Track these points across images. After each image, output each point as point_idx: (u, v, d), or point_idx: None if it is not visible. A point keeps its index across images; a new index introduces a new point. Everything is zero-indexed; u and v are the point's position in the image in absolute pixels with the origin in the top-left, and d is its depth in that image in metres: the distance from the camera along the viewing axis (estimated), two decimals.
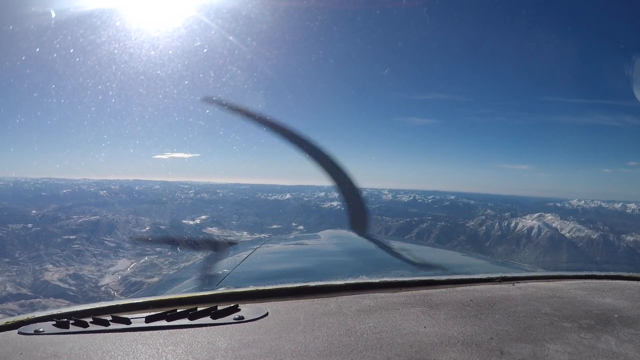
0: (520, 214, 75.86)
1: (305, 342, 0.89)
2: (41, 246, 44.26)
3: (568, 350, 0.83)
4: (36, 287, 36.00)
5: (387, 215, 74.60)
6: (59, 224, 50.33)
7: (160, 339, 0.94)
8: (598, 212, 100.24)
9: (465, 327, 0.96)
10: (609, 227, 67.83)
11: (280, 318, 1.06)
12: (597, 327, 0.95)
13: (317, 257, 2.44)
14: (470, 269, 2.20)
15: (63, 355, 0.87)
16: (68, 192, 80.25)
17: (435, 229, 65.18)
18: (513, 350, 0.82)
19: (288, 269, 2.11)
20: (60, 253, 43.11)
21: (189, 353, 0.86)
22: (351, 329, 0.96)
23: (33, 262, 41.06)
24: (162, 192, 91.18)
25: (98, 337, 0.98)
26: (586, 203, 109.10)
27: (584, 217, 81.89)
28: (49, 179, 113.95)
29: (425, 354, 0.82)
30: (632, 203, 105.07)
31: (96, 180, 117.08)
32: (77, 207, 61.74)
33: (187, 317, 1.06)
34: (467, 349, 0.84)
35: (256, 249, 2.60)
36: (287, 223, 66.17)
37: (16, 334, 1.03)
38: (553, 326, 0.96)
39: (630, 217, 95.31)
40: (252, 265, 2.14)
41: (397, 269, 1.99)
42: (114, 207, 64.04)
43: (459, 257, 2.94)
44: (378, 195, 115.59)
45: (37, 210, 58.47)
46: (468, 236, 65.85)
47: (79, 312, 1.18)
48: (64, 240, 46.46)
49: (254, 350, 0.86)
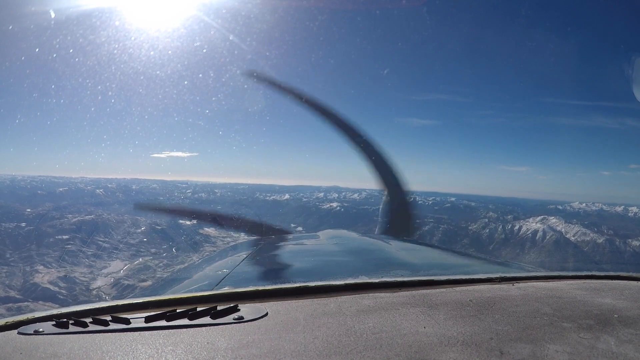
0: (523, 217, 74.97)
1: (305, 342, 0.89)
2: (33, 246, 43.11)
3: (568, 350, 0.83)
4: (25, 289, 35.02)
5: None
6: (53, 223, 49.23)
7: (160, 339, 0.95)
8: (600, 215, 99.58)
9: (465, 327, 0.97)
10: (613, 231, 67.02)
11: (280, 318, 1.06)
12: (596, 327, 0.95)
13: (316, 257, 2.44)
14: (470, 269, 2.19)
15: (63, 355, 0.87)
16: (64, 191, 79.17)
17: (437, 231, 64.12)
18: (513, 350, 0.83)
19: (288, 269, 2.10)
20: (52, 254, 42.00)
21: (189, 353, 0.87)
22: (351, 329, 0.96)
23: (24, 262, 39.97)
24: (160, 191, 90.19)
25: (98, 337, 0.98)
26: (587, 206, 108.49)
27: (587, 220, 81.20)
28: (46, 177, 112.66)
29: (424, 354, 0.82)
30: (633, 206, 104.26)
31: (93, 178, 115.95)
32: (73, 206, 60.64)
33: (186, 317, 1.06)
34: (467, 349, 0.84)
35: (256, 249, 2.59)
36: (286, 224, 65.07)
37: (16, 334, 1.03)
38: (553, 326, 0.96)
39: (632, 221, 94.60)
40: (252, 265, 2.14)
41: (397, 269, 1.99)
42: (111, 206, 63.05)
43: (459, 257, 2.93)
44: (378, 197, 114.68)
45: (32, 208, 57.32)
46: (471, 239, 64.98)
47: (78, 312, 1.19)
48: (57, 241, 45.38)
49: (254, 351, 0.86)
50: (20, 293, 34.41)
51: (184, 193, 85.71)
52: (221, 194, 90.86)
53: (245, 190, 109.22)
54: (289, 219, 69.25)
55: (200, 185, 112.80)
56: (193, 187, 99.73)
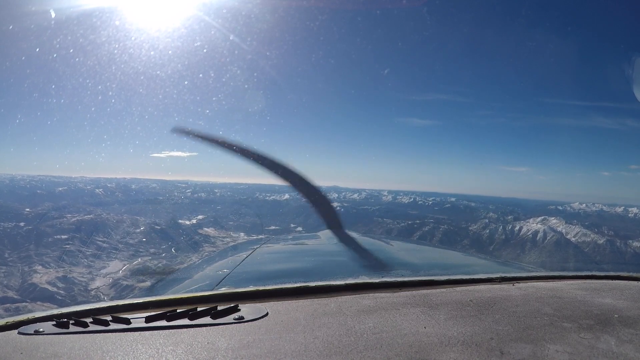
0: (523, 217, 74.76)
1: (305, 342, 0.89)
2: (32, 246, 42.86)
3: (568, 350, 0.83)
4: (23, 290, 34.82)
5: (387, 217, 73.29)
6: (52, 222, 49.00)
7: (160, 339, 0.95)
8: (600, 215, 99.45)
9: (465, 327, 0.97)
10: (613, 232, 66.82)
11: (280, 318, 1.06)
12: (597, 327, 0.95)
13: (317, 257, 2.42)
14: (470, 269, 2.18)
15: (63, 355, 0.87)
16: (64, 190, 78.97)
17: (438, 232, 63.97)
18: (513, 350, 0.83)
19: (288, 269, 2.10)
20: (50, 254, 41.75)
21: (189, 353, 0.86)
22: (351, 329, 0.96)
23: (22, 262, 39.73)
24: (159, 191, 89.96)
25: (98, 337, 0.98)
26: (587, 206, 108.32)
27: (587, 221, 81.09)
28: (46, 177, 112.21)
29: (425, 354, 0.82)
30: (633, 207, 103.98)
31: (93, 178, 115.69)
32: (72, 206, 60.42)
33: (187, 317, 1.06)
34: (467, 349, 0.84)
35: (256, 249, 2.56)
36: (286, 224, 64.93)
37: (16, 334, 1.03)
38: (553, 326, 0.96)
39: (633, 222, 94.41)
40: (252, 265, 2.13)
41: (397, 269, 1.98)
42: (110, 205, 62.90)
43: (459, 257, 2.91)
44: (378, 197, 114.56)
45: (31, 208, 57.10)
46: (472, 240, 64.79)
47: (79, 312, 1.19)
48: (56, 240, 45.16)
49: (254, 351, 0.86)
50: (19, 293, 34.17)
51: (184, 193, 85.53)
52: (221, 193, 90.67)
53: (245, 190, 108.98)
54: (289, 219, 68.99)
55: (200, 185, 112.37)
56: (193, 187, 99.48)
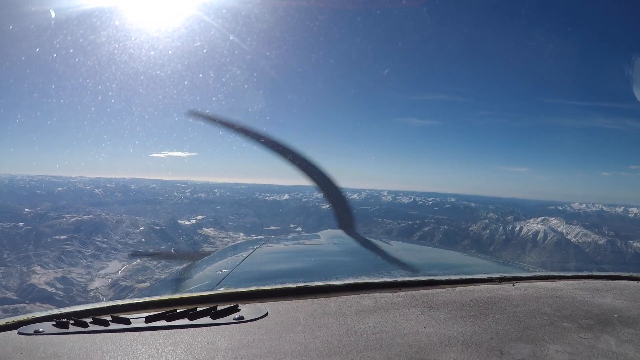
0: (524, 218, 74.52)
1: (305, 342, 0.89)
2: (30, 246, 42.69)
3: (568, 350, 0.83)
4: (22, 290, 34.65)
5: (387, 218, 72.99)
6: (51, 223, 48.82)
7: (160, 339, 0.95)
8: (600, 216, 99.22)
9: (465, 327, 0.97)
10: (613, 232, 66.68)
11: (280, 318, 1.06)
12: (597, 327, 0.95)
13: (317, 257, 2.42)
14: (470, 269, 2.17)
15: (63, 355, 0.87)
16: (63, 190, 78.75)
17: (438, 232, 63.74)
18: (513, 350, 0.83)
19: (288, 269, 2.09)
20: (49, 254, 41.59)
21: (189, 353, 0.86)
22: (351, 329, 0.96)
23: (21, 263, 39.57)
24: (159, 191, 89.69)
25: (98, 337, 0.98)
26: (587, 207, 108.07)
27: (587, 221, 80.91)
28: (45, 177, 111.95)
29: (425, 354, 0.82)
30: (633, 207, 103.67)
31: (92, 178, 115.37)
32: (71, 206, 60.18)
33: (187, 317, 1.06)
34: (467, 349, 0.84)
35: (256, 249, 2.56)
36: (286, 224, 64.78)
37: (16, 334, 1.03)
38: (553, 326, 0.96)
39: (633, 222, 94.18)
40: (252, 265, 2.13)
41: (397, 269, 1.95)
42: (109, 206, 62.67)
43: (459, 257, 2.90)
44: (377, 197, 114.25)
45: (30, 208, 56.92)
46: (472, 240, 64.57)
47: (79, 312, 1.19)
48: (55, 241, 45.00)
49: (254, 351, 0.86)
50: (17, 294, 34.05)
51: (183, 193, 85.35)
52: (220, 193, 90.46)
53: (244, 190, 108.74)
54: (288, 219, 68.85)
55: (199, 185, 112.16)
56: (192, 187, 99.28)
